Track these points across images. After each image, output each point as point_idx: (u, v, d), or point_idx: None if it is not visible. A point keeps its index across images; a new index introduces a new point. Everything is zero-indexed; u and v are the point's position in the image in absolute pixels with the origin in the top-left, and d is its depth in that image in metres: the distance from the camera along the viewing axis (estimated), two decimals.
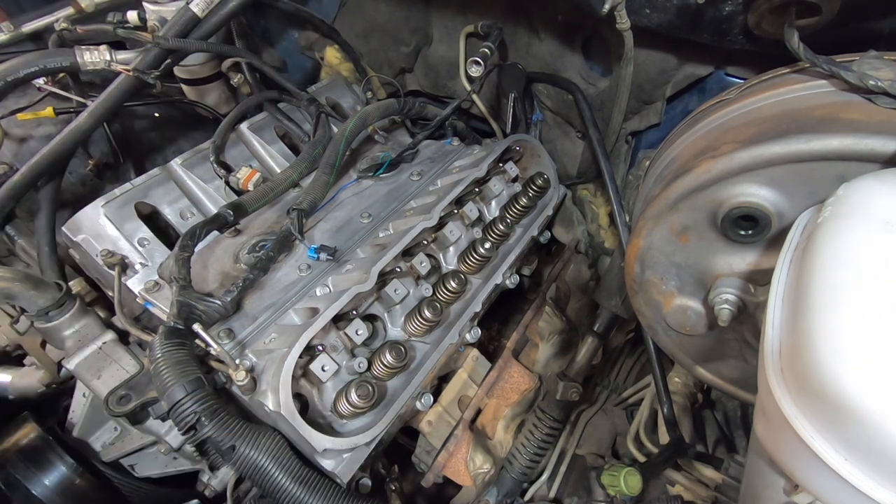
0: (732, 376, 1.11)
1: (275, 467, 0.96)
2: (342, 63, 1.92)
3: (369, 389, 1.03)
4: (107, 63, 1.38)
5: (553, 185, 1.56)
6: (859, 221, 0.59)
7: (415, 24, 1.77)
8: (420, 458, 1.35)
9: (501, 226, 1.40)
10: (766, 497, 0.74)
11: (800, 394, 0.56)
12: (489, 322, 1.71)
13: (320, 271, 1.21)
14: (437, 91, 1.91)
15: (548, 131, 1.78)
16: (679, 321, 1.05)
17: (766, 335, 0.63)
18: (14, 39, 1.68)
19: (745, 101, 0.97)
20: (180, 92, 1.82)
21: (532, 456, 1.42)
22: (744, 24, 1.04)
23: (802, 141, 0.76)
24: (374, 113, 1.50)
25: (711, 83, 1.34)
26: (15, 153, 1.60)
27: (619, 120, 1.47)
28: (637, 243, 0.99)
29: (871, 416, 0.48)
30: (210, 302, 1.04)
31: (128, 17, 1.58)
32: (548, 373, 1.56)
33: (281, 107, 1.62)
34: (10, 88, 1.33)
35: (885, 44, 0.92)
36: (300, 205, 1.24)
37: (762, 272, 0.91)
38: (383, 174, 1.53)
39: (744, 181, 0.83)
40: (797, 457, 0.58)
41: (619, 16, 1.12)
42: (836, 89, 0.86)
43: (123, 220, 1.24)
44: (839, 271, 0.56)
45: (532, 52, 1.63)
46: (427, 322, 1.18)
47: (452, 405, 1.36)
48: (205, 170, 1.40)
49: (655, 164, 1.14)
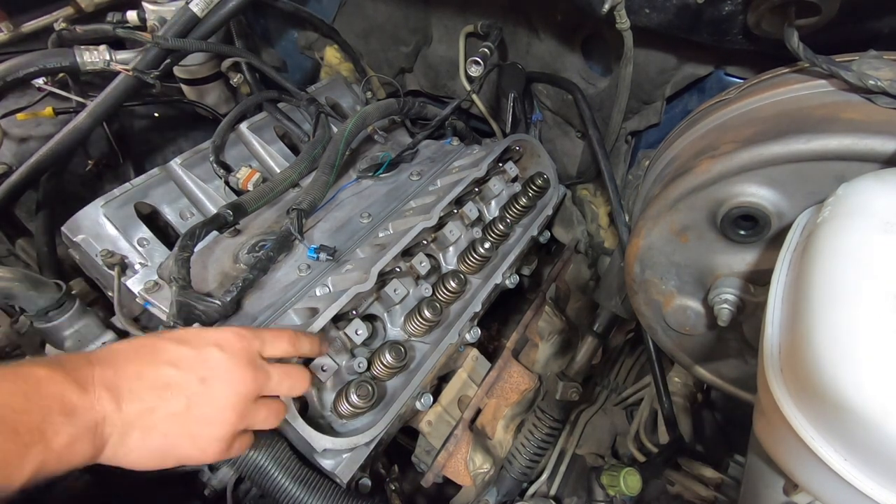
0: (732, 376, 1.11)
1: (274, 467, 0.96)
2: (342, 63, 1.92)
3: (369, 389, 1.03)
4: (106, 63, 1.38)
5: (553, 184, 1.56)
6: (859, 221, 0.59)
7: (414, 24, 1.77)
8: (420, 458, 1.35)
9: (501, 226, 1.40)
10: (766, 497, 0.74)
11: (799, 394, 0.56)
12: (489, 322, 1.71)
13: (320, 271, 1.21)
14: (436, 91, 1.91)
15: (548, 131, 1.78)
16: (679, 321, 1.05)
17: (765, 335, 0.63)
18: (13, 39, 1.68)
19: (745, 100, 0.97)
20: (180, 92, 1.82)
21: (532, 456, 1.42)
22: (743, 24, 1.04)
23: (802, 141, 0.76)
24: (373, 113, 1.50)
25: (711, 83, 1.34)
26: (14, 153, 1.61)
27: (618, 120, 1.47)
28: (637, 243, 0.99)
29: (870, 416, 0.48)
30: (210, 302, 1.04)
31: (127, 17, 1.58)
32: (547, 373, 1.56)
33: (281, 107, 1.62)
34: (9, 88, 1.33)
35: (884, 44, 0.91)
36: (300, 205, 1.24)
37: (762, 272, 0.91)
38: (383, 174, 1.53)
39: (743, 181, 0.83)
40: (797, 457, 0.58)
41: (618, 16, 1.12)
42: (836, 89, 0.86)
43: (123, 220, 1.24)
44: (839, 271, 0.56)
45: (532, 52, 1.63)
46: (427, 322, 1.18)
47: (452, 405, 1.36)
48: (204, 170, 1.40)
49: (655, 163, 1.14)
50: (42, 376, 0.61)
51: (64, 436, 0.59)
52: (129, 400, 0.66)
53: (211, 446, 0.72)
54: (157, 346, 0.72)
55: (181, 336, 0.74)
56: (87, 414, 0.62)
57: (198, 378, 0.71)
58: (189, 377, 0.70)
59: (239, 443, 0.77)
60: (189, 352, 0.72)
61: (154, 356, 0.70)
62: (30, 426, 0.57)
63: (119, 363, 0.68)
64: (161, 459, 0.70)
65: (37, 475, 0.57)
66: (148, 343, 0.72)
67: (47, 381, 0.61)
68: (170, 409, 0.68)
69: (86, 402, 0.62)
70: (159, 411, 0.68)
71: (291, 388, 0.83)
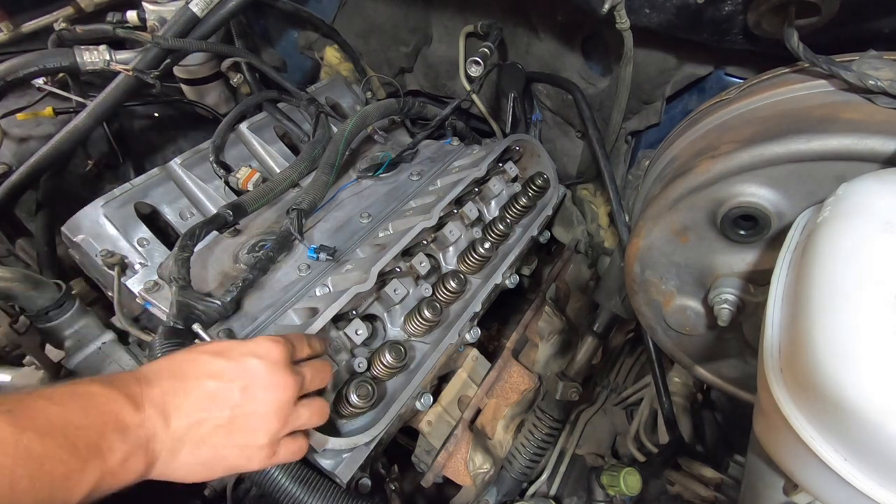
0: (732, 376, 1.11)
1: (274, 467, 0.95)
2: (342, 63, 1.92)
3: (369, 389, 1.03)
4: (106, 63, 1.38)
5: (553, 184, 1.56)
6: (859, 221, 0.59)
7: (414, 24, 1.77)
8: (420, 458, 1.35)
9: (501, 226, 1.40)
10: (766, 497, 0.74)
11: (799, 394, 0.56)
12: (489, 322, 1.71)
13: (320, 271, 1.21)
14: (436, 91, 1.91)
15: (547, 131, 1.78)
16: (679, 321, 1.05)
17: (765, 335, 0.63)
18: (13, 39, 1.68)
19: (745, 100, 0.97)
20: (180, 92, 1.82)
21: (532, 456, 1.42)
22: (743, 24, 1.04)
23: (802, 141, 0.76)
24: (373, 113, 1.50)
25: (711, 83, 1.34)
26: (14, 153, 1.61)
27: (618, 120, 1.47)
28: (637, 243, 0.99)
29: (870, 415, 0.48)
30: (209, 302, 1.04)
31: (127, 17, 1.58)
32: (547, 373, 1.56)
33: (280, 107, 1.62)
34: (9, 88, 1.33)
35: (884, 43, 0.91)
36: (300, 205, 1.23)
37: (762, 272, 0.91)
38: (383, 174, 1.53)
39: (743, 181, 0.83)
40: (797, 457, 0.58)
41: (618, 15, 1.12)
42: (836, 89, 0.86)
43: (123, 220, 1.24)
44: (839, 271, 0.56)
45: (532, 52, 1.63)
46: (427, 322, 1.18)
47: (452, 405, 1.36)
48: (204, 170, 1.40)
49: (655, 163, 1.14)
50: (97, 394, 0.62)
51: (119, 452, 0.60)
52: (176, 417, 0.67)
53: (258, 454, 0.74)
54: (198, 361, 0.73)
55: (218, 349, 0.75)
56: (139, 431, 0.63)
57: (240, 388, 0.72)
58: (231, 388, 0.71)
59: (285, 447, 0.78)
60: (228, 363, 0.73)
61: (196, 371, 0.72)
62: (88, 442, 0.58)
63: (163, 380, 0.69)
64: (210, 471, 0.71)
65: (93, 492, 0.58)
66: (188, 358, 0.73)
67: (103, 398, 0.62)
68: (216, 422, 0.70)
69: (137, 419, 0.63)
70: (206, 425, 0.69)
71: (323, 381, 0.85)
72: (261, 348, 0.76)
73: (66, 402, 0.59)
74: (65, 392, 0.60)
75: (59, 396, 0.59)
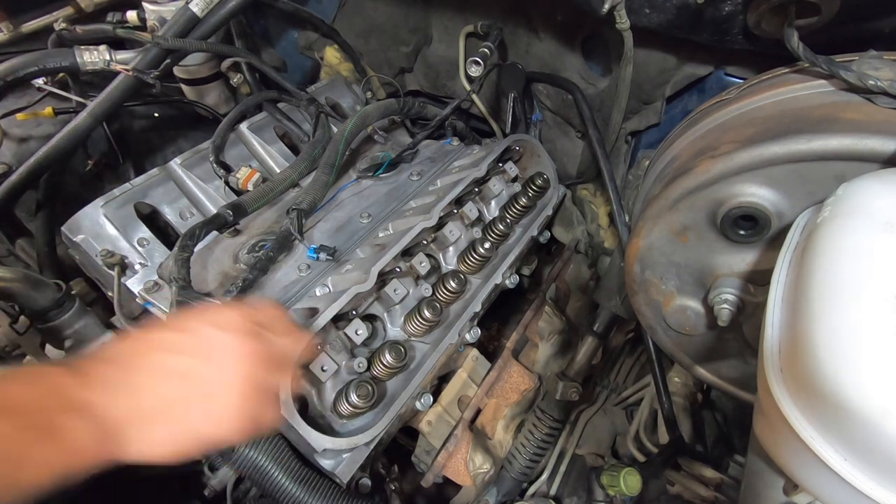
0: (732, 376, 1.11)
1: (274, 467, 0.96)
2: (342, 63, 1.92)
3: (369, 389, 1.03)
4: (106, 63, 1.38)
5: (553, 184, 1.56)
6: (859, 221, 0.59)
7: (414, 24, 1.77)
8: (420, 458, 1.35)
9: (501, 226, 1.40)
10: (766, 497, 0.74)
11: (799, 394, 0.56)
12: (489, 322, 1.71)
13: (320, 271, 1.21)
14: (436, 91, 1.91)
15: (547, 131, 1.78)
16: (679, 321, 1.05)
17: (765, 335, 0.63)
18: (13, 39, 1.68)
19: (745, 100, 0.97)
20: (180, 92, 1.82)
21: (532, 456, 1.42)
22: (743, 24, 1.04)
23: (802, 141, 0.76)
24: (373, 113, 1.50)
25: (711, 83, 1.34)
26: (14, 153, 1.60)
27: (618, 120, 1.47)
28: (637, 243, 0.99)
29: (870, 416, 0.48)
30: (210, 302, 1.04)
31: (127, 17, 1.58)
32: (547, 373, 1.56)
33: (280, 107, 1.62)
34: (9, 88, 1.33)
35: (884, 43, 0.91)
36: (300, 205, 1.23)
37: (762, 272, 0.91)
38: (383, 174, 1.53)
39: (743, 181, 0.83)
40: (797, 457, 0.58)
41: (618, 16, 1.12)
42: (836, 89, 0.86)
43: (123, 220, 1.24)
44: (839, 271, 0.56)
45: (532, 52, 1.63)
46: (427, 322, 1.18)
47: (452, 405, 1.36)
48: (204, 170, 1.40)
49: (655, 163, 1.14)
50: (55, 376, 0.61)
51: (77, 431, 0.59)
52: (140, 395, 0.66)
53: (231, 422, 0.71)
54: (157, 338, 0.72)
55: (177, 322, 0.75)
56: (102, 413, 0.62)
57: (202, 359, 0.71)
58: (194, 360, 0.70)
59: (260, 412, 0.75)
60: (187, 336, 0.72)
61: (156, 346, 0.71)
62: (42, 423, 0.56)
63: (124, 360, 0.68)
64: (184, 445, 0.69)
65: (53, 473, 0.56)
66: (147, 336, 0.73)
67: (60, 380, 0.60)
68: (183, 395, 0.68)
69: (99, 400, 0.62)
70: (170, 398, 0.68)
71: (296, 341, 0.82)
72: (220, 316, 0.75)
73: (21, 381, 0.58)
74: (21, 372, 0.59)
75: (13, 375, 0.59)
